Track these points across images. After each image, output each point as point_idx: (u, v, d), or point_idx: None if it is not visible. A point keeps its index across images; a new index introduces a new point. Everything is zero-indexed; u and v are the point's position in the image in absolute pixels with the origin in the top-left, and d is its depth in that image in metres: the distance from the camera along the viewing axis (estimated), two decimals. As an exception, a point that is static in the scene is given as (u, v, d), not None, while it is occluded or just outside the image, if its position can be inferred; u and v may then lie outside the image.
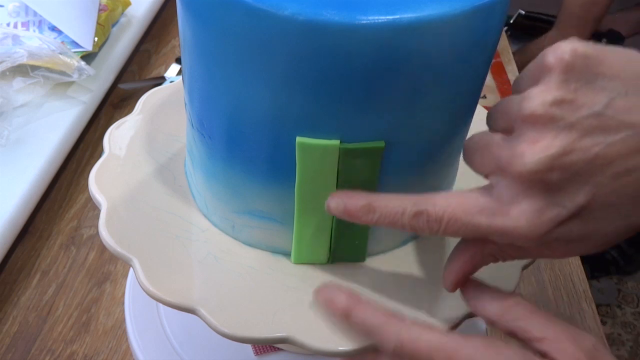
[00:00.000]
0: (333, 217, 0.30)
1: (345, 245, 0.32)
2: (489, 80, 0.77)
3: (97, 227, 0.55)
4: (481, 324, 0.43)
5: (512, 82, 0.77)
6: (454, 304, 0.31)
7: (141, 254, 0.31)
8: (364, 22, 0.23)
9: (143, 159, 0.37)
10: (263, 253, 0.33)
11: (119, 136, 0.38)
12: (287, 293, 0.31)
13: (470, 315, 0.30)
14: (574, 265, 0.55)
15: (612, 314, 1.27)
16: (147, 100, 0.41)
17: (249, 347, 0.39)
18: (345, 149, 0.27)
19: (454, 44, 0.25)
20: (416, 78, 0.25)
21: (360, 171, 0.28)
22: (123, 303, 0.44)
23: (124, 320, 0.45)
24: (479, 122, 0.41)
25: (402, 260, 0.33)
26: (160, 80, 0.71)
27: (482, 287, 0.28)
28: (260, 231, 0.32)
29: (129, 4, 0.74)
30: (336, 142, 0.27)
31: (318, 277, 0.32)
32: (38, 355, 0.45)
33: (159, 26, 0.83)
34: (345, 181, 0.29)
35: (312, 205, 0.30)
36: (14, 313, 0.48)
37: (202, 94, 0.30)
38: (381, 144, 0.27)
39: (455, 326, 0.30)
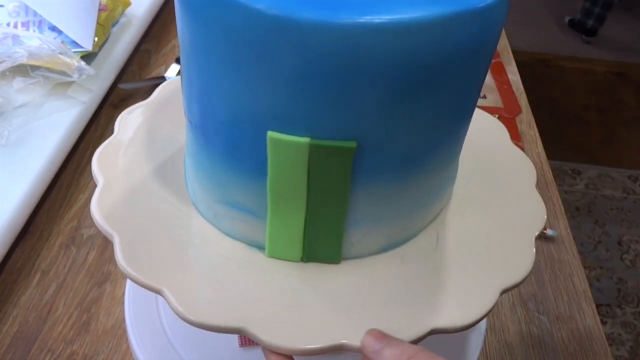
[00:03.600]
0: (305, 215, 0.30)
1: (319, 245, 0.32)
2: (489, 80, 0.77)
3: (97, 227, 0.55)
4: (482, 321, 0.43)
5: (512, 82, 0.77)
6: (423, 317, 0.30)
7: (123, 232, 0.32)
8: (333, 21, 0.23)
9: (148, 145, 0.38)
10: (241, 245, 0.33)
11: (129, 121, 0.40)
12: (253, 286, 0.31)
13: (435, 332, 0.30)
14: (574, 266, 0.55)
15: (612, 314, 1.27)
16: (164, 89, 0.42)
17: (251, 348, 0.39)
18: (316, 146, 0.27)
19: (431, 50, 0.25)
20: (388, 82, 0.25)
21: (332, 171, 0.28)
22: (123, 303, 0.44)
23: (123, 320, 0.45)
24: (481, 122, 0.41)
25: (377, 267, 0.33)
26: (160, 80, 0.71)
27: (383, 338, 0.28)
28: (239, 223, 0.33)
29: (129, 3, 0.74)
30: (306, 139, 0.27)
31: (289, 274, 0.32)
32: (38, 355, 0.45)
33: (159, 26, 0.83)
34: (316, 180, 0.29)
35: (284, 201, 0.30)
36: (14, 313, 0.48)
37: (186, 82, 0.31)
38: (352, 144, 0.27)
39: (421, 338, 0.29)
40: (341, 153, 0.27)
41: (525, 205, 0.37)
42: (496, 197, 0.37)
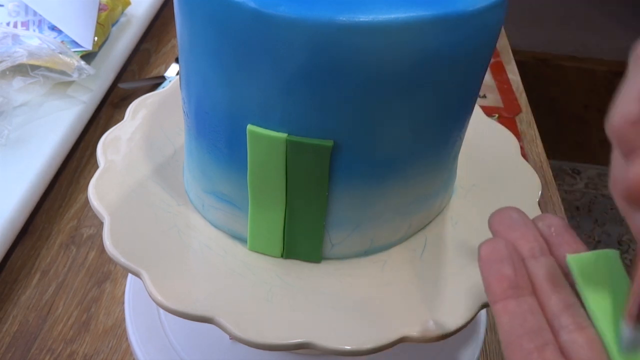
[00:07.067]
0: (285, 210, 0.30)
1: (299, 242, 0.32)
2: (489, 79, 0.77)
3: (97, 226, 0.55)
4: (482, 320, 0.43)
5: (512, 81, 0.77)
6: (394, 325, 0.29)
7: (114, 213, 0.33)
8: (309, 18, 0.23)
9: (154, 133, 0.39)
10: (224, 236, 0.34)
11: (141, 109, 0.40)
12: (230, 277, 0.31)
13: (405, 341, 0.29)
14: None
15: (612, 313, 1.26)
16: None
17: (252, 349, 0.39)
18: (292, 142, 0.27)
19: (408, 52, 0.24)
20: (364, 82, 0.25)
21: (309, 169, 0.28)
22: (123, 302, 0.44)
23: (123, 319, 0.45)
24: (491, 134, 0.40)
25: (357, 270, 0.32)
26: (160, 79, 0.71)
27: None
28: (223, 213, 0.33)
29: (128, 3, 0.74)
30: (283, 135, 0.27)
31: (267, 269, 0.32)
32: (38, 355, 0.45)
33: (159, 25, 0.83)
34: (294, 176, 0.29)
35: (264, 195, 0.30)
36: (14, 312, 0.48)
37: (181, 71, 0.31)
38: (329, 142, 0.27)
39: (389, 345, 0.29)
40: (318, 151, 0.27)
41: None
42: (493, 211, 0.36)
